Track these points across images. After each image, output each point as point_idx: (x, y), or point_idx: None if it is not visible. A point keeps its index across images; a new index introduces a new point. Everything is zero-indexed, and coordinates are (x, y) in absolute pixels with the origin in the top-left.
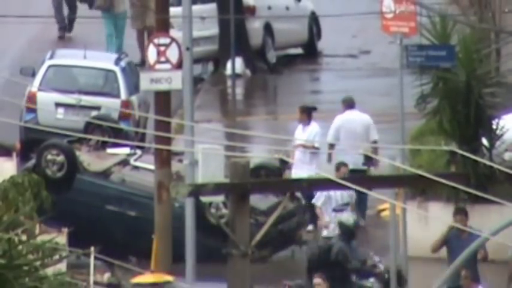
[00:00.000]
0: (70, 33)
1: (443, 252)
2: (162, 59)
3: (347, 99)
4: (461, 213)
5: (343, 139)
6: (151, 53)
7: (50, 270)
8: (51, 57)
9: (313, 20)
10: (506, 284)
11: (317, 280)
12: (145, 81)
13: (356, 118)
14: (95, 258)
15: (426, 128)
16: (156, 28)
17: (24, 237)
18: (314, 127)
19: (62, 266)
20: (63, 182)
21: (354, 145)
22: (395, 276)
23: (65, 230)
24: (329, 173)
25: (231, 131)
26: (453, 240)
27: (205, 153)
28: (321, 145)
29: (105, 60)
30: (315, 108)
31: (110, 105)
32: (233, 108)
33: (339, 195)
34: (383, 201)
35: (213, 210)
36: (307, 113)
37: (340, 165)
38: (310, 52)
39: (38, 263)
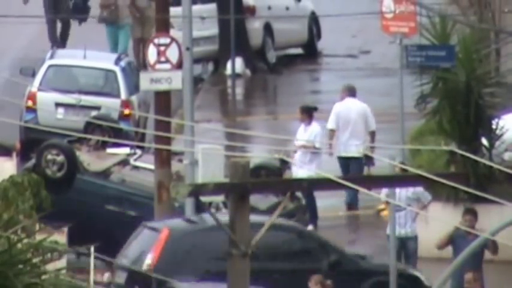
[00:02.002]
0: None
1: (444, 252)
2: (162, 59)
3: (349, 87)
4: (470, 213)
5: (340, 126)
6: (151, 53)
7: (50, 268)
8: (51, 57)
9: (313, 20)
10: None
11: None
12: (145, 81)
13: (353, 106)
14: (95, 258)
15: (426, 128)
16: (156, 28)
17: (23, 236)
18: (315, 127)
19: (62, 264)
20: (63, 182)
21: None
22: (395, 276)
23: (65, 229)
24: (330, 173)
25: (231, 131)
26: (459, 240)
27: (205, 153)
28: (321, 145)
29: (105, 60)
30: (315, 108)
31: (110, 105)
32: (233, 108)
33: (399, 196)
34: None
35: (213, 210)
36: (308, 113)
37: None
38: (310, 52)
39: (37, 260)
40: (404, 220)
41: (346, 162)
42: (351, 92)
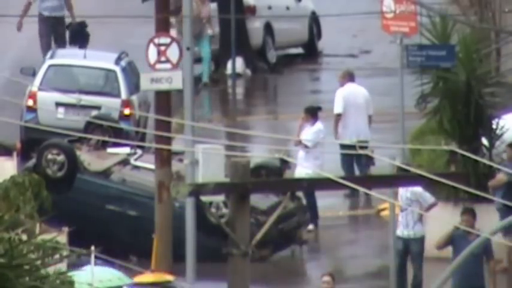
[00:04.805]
0: None
1: (444, 251)
2: (163, 58)
3: (349, 72)
4: (468, 213)
5: (348, 111)
6: (152, 53)
7: (50, 270)
8: (52, 56)
9: (314, 19)
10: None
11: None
12: (146, 81)
13: (357, 90)
14: (96, 257)
15: (426, 128)
16: (156, 28)
17: (24, 237)
18: (316, 126)
19: (63, 266)
20: (63, 181)
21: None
22: (395, 276)
23: (66, 229)
24: (331, 173)
25: (231, 131)
26: (459, 241)
27: (206, 153)
28: (316, 144)
29: (105, 59)
30: (319, 108)
31: (110, 104)
32: (233, 108)
33: (400, 196)
34: (383, 200)
35: (213, 210)
36: (312, 114)
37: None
38: (311, 52)
39: (38, 262)
40: (406, 221)
41: (352, 149)
42: (351, 77)
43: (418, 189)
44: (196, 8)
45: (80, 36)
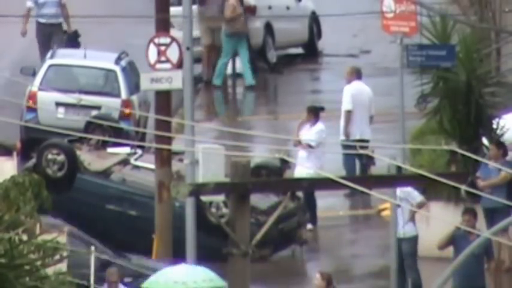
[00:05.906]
0: None
1: (444, 251)
2: (163, 58)
3: (357, 69)
4: (469, 213)
5: (354, 109)
6: (152, 53)
7: (50, 270)
8: (52, 56)
9: (314, 19)
10: None
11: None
12: (146, 80)
13: (363, 88)
14: (96, 257)
15: (426, 128)
16: (156, 28)
17: (24, 237)
18: (318, 126)
19: (63, 266)
20: (63, 181)
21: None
22: (395, 275)
23: (66, 229)
24: (331, 173)
25: (231, 131)
26: (460, 241)
27: (206, 153)
28: (319, 144)
29: (105, 59)
30: (322, 108)
31: (111, 104)
32: (233, 108)
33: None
34: (383, 200)
35: (213, 210)
36: (315, 113)
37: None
38: (311, 52)
39: (38, 263)
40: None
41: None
42: (358, 74)
43: (408, 187)
44: (237, 7)
45: (71, 45)
